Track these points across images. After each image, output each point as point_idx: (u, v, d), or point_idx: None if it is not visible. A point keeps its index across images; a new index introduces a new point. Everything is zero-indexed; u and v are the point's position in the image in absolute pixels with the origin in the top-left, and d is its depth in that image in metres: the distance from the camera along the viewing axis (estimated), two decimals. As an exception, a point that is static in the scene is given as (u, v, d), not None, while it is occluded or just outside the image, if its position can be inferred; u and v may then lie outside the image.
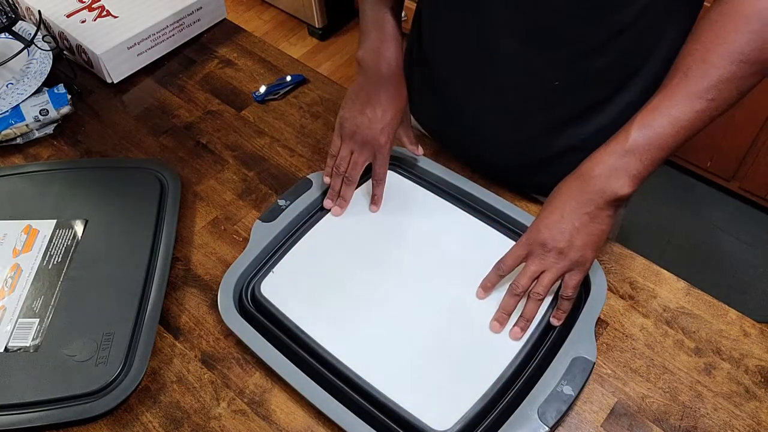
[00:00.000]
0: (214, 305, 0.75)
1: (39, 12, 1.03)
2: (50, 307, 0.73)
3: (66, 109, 0.97)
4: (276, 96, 1.01)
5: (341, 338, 0.68)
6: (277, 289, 0.73)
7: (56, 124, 0.97)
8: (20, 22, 1.02)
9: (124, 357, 0.68)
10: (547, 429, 0.60)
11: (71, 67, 1.05)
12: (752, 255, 1.83)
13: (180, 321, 0.75)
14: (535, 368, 0.66)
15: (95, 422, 0.67)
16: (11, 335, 0.71)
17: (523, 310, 0.68)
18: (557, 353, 0.65)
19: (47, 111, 0.95)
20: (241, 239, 0.83)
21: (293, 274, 0.75)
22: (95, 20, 1.06)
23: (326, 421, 0.66)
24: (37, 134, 0.96)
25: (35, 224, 0.81)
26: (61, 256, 0.78)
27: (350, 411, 0.63)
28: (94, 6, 1.08)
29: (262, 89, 1.01)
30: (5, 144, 0.95)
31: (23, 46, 1.00)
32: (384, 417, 0.63)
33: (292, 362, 0.67)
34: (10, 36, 1.01)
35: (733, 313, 0.73)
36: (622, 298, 0.75)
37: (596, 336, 0.69)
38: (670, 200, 1.95)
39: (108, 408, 0.66)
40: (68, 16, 1.06)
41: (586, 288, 0.71)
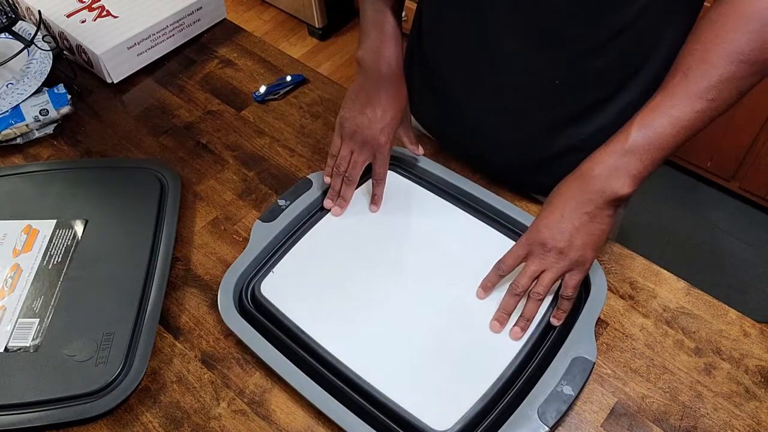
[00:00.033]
0: (214, 305, 0.75)
1: (39, 12, 1.03)
2: (50, 307, 0.73)
3: (66, 109, 0.97)
4: (276, 96, 1.01)
5: (341, 338, 0.68)
6: (277, 289, 0.73)
7: (56, 124, 0.97)
8: (20, 22, 1.02)
9: (124, 357, 0.68)
10: (547, 429, 0.60)
11: (71, 67, 1.05)
12: (752, 255, 1.83)
13: (180, 321, 0.75)
14: (535, 368, 0.66)
15: (95, 422, 0.67)
16: (11, 335, 0.71)
17: (523, 310, 0.68)
18: (557, 353, 0.65)
19: (47, 111, 0.95)
20: (241, 239, 0.83)
21: (293, 274, 0.75)
22: (95, 20, 1.06)
23: (326, 421, 0.66)
24: (37, 134, 0.96)
25: (35, 224, 0.81)
26: (61, 256, 0.78)
27: (350, 411, 0.63)
28: (94, 6, 1.08)
29: (262, 89, 1.01)
30: (5, 144, 0.95)
31: (23, 46, 1.00)
32: (384, 417, 0.63)
33: (292, 362, 0.67)
34: (10, 36, 1.01)
35: (733, 313, 0.73)
36: (622, 298, 0.75)
37: (596, 336, 0.69)
38: (670, 200, 1.95)
39: (108, 408, 0.66)
40: (68, 16, 1.06)
41: (586, 288, 0.71)
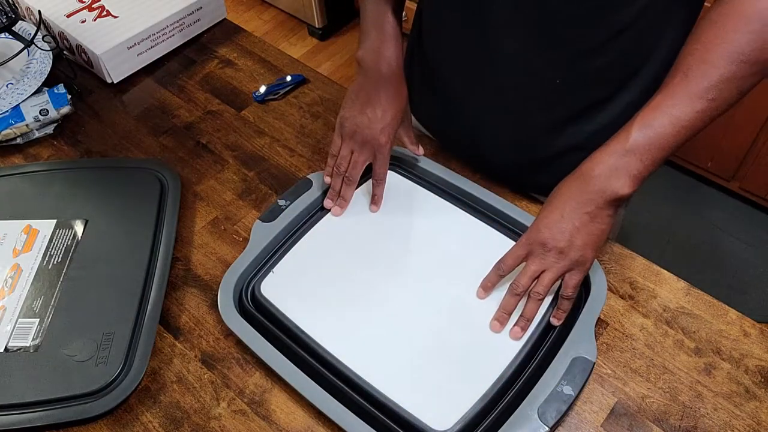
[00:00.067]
0: (214, 305, 0.75)
1: (39, 12, 1.03)
2: (50, 307, 0.73)
3: (66, 109, 0.97)
4: (276, 96, 1.00)
5: (341, 338, 0.68)
6: (277, 289, 0.73)
7: (56, 124, 0.97)
8: (20, 22, 1.02)
9: (124, 357, 0.68)
10: (547, 429, 0.60)
11: (71, 67, 1.05)
12: (752, 255, 1.83)
13: (180, 321, 0.75)
14: (535, 368, 0.66)
15: (95, 422, 0.67)
16: (11, 335, 0.71)
17: (524, 310, 0.68)
18: (557, 353, 0.65)
19: (47, 111, 0.95)
20: (241, 239, 0.83)
21: (293, 274, 0.75)
22: (95, 20, 1.06)
23: (326, 421, 0.66)
24: (37, 134, 0.96)
25: (35, 224, 0.81)
26: (61, 256, 0.78)
27: (350, 411, 0.63)
28: (94, 6, 1.08)
29: (262, 89, 1.01)
30: (5, 144, 0.95)
31: (23, 46, 1.00)
32: (384, 417, 0.63)
33: (292, 362, 0.67)
34: (10, 36, 1.01)
35: (733, 313, 0.73)
36: (622, 298, 0.75)
37: (596, 336, 0.69)
38: (671, 200, 1.95)
39: (108, 408, 0.66)
40: (68, 16, 1.06)
41: (586, 288, 0.71)
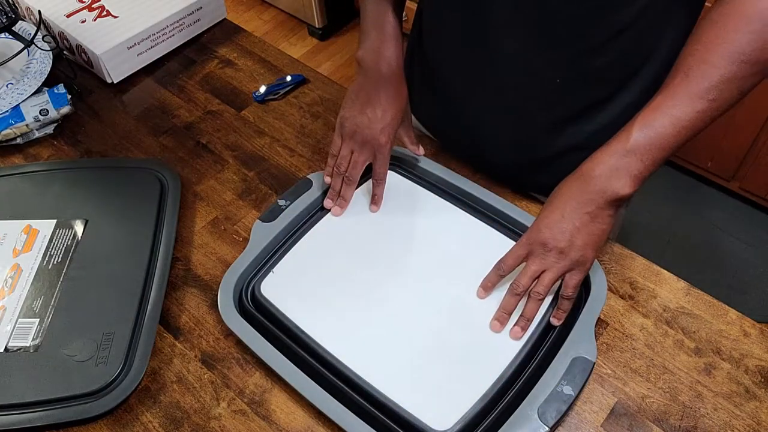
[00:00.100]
0: (214, 305, 0.75)
1: (39, 12, 1.03)
2: (50, 307, 0.73)
3: (66, 109, 0.97)
4: (276, 96, 1.00)
5: (341, 338, 0.68)
6: (277, 289, 0.73)
7: (56, 124, 0.97)
8: (20, 22, 1.02)
9: (124, 357, 0.68)
10: (547, 429, 0.60)
11: (71, 67, 1.05)
12: (752, 255, 1.83)
13: (180, 321, 0.75)
14: (535, 368, 0.66)
15: (95, 422, 0.67)
16: (11, 335, 0.71)
17: (524, 310, 0.68)
18: (557, 353, 0.65)
19: (47, 111, 0.95)
20: (241, 239, 0.83)
21: (293, 274, 0.75)
22: (95, 20, 1.06)
23: (326, 421, 0.66)
24: (37, 134, 0.96)
25: (35, 224, 0.81)
26: (61, 256, 0.78)
27: (350, 411, 0.63)
28: (94, 6, 1.08)
29: (262, 89, 1.00)
30: (5, 144, 0.95)
31: (23, 46, 1.00)
32: (384, 417, 0.63)
33: (292, 362, 0.67)
34: (10, 36, 1.01)
35: (733, 313, 0.73)
36: (622, 298, 0.75)
37: (596, 336, 0.69)
38: (671, 200, 1.95)
39: (108, 408, 0.66)
40: (68, 16, 1.06)
41: (587, 288, 0.71)
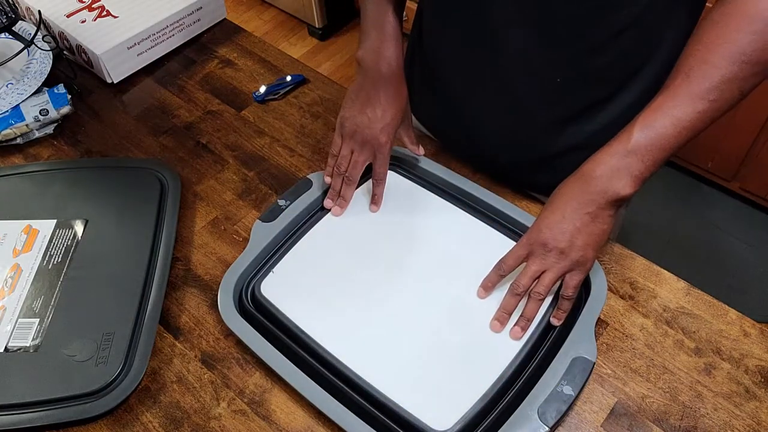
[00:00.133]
0: (214, 305, 0.75)
1: (39, 12, 1.03)
2: (50, 307, 0.73)
3: (66, 109, 0.97)
4: (276, 96, 1.00)
5: (341, 338, 0.68)
6: (277, 289, 0.73)
7: (56, 124, 0.97)
8: (20, 22, 1.02)
9: (124, 357, 0.68)
10: (547, 429, 0.60)
11: (71, 67, 1.05)
12: (752, 255, 1.83)
13: (180, 321, 0.75)
14: (535, 368, 0.66)
15: (95, 422, 0.67)
16: (11, 335, 0.71)
17: (524, 310, 0.68)
18: (557, 353, 0.65)
19: (47, 111, 0.95)
20: (241, 239, 0.83)
21: (293, 274, 0.75)
22: (95, 20, 1.06)
23: (326, 421, 0.66)
24: (37, 134, 0.96)
25: (35, 224, 0.81)
26: (61, 256, 0.78)
27: (350, 411, 0.63)
28: (94, 6, 1.08)
29: (262, 89, 1.00)
30: (5, 144, 0.95)
31: (23, 46, 1.00)
32: (384, 417, 0.63)
33: (292, 362, 0.67)
34: (10, 36, 1.01)
35: (733, 313, 0.73)
36: (622, 298, 0.75)
37: (596, 336, 0.69)
38: (671, 200, 1.95)
39: (108, 408, 0.66)
40: (68, 16, 1.06)
41: (587, 288, 0.71)
